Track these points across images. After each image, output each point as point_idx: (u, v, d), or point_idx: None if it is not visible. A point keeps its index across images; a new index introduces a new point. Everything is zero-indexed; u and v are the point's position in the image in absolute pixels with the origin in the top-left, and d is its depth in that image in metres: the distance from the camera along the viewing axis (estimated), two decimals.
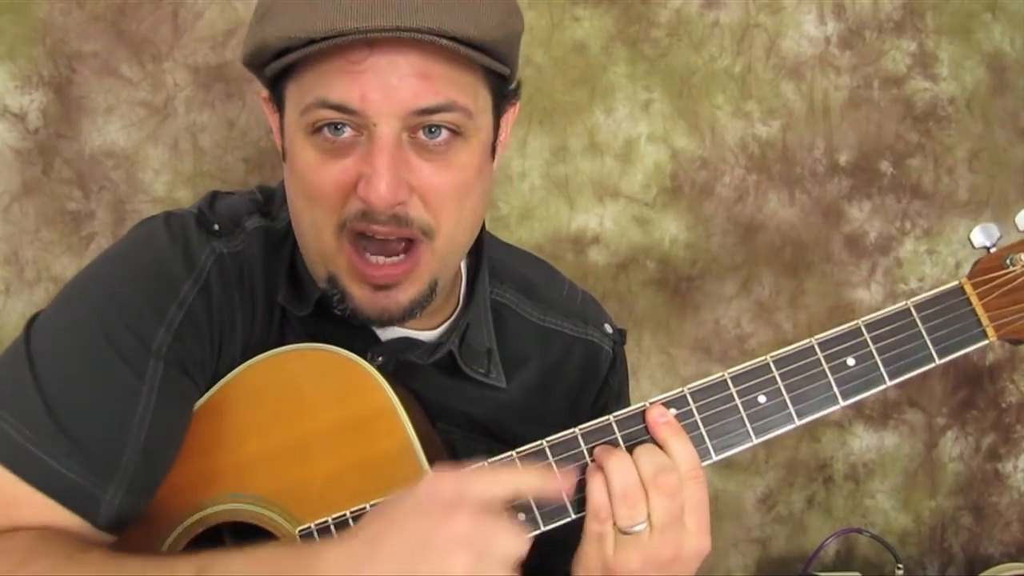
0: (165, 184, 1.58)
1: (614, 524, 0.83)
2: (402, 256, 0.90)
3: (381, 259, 0.89)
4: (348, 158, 0.86)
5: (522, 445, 0.91)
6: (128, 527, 0.88)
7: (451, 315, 1.04)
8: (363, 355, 0.93)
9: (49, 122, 1.55)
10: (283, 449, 0.91)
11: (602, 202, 1.71)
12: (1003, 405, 1.86)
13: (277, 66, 0.87)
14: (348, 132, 0.86)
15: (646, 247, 1.73)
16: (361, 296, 0.90)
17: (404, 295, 0.90)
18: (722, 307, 1.76)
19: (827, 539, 1.74)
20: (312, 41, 0.82)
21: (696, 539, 0.84)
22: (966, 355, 0.89)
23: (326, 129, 0.86)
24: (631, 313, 1.72)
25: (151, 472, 0.88)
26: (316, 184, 0.88)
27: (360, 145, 0.86)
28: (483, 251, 1.06)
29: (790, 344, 0.89)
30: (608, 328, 1.13)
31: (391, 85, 0.84)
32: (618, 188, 1.71)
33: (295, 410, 0.92)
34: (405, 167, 0.86)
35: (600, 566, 0.84)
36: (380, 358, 0.96)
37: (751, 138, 1.74)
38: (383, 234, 0.87)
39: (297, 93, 0.88)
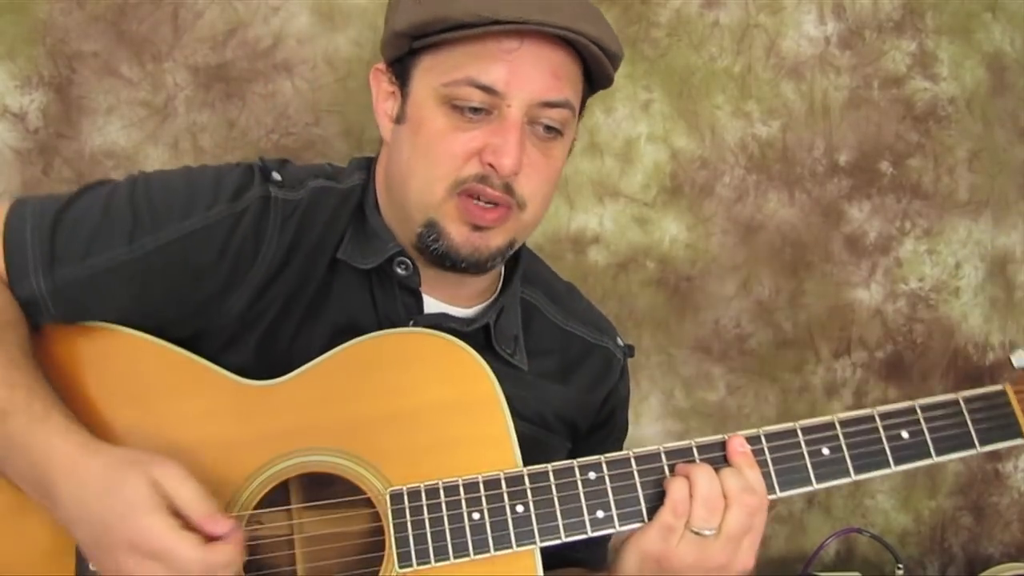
0: None
1: (687, 523, 0.95)
2: (500, 209, 1.03)
3: (485, 201, 1.03)
4: (477, 131, 1.01)
5: (540, 424, 1.12)
6: (33, 322, 1.01)
7: (485, 297, 1.15)
8: (405, 321, 1.07)
9: (49, 122, 1.55)
10: (388, 416, 1.00)
11: (602, 202, 1.71)
12: None
13: (438, 39, 1.00)
14: (482, 113, 1.01)
15: (646, 247, 1.73)
16: (459, 234, 1.03)
17: (494, 240, 1.04)
18: (722, 307, 1.76)
19: (827, 539, 1.74)
20: (496, 22, 0.96)
21: (746, 556, 0.96)
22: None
23: (468, 111, 1.00)
24: (631, 313, 1.72)
25: (75, 298, 1.01)
26: (441, 146, 1.01)
27: (488, 121, 1.01)
28: (521, 251, 1.18)
29: (789, 343, 0.97)
30: (619, 341, 1.25)
31: (532, 77, 1.00)
32: (618, 188, 1.71)
33: (403, 384, 1.00)
34: (523, 147, 1.01)
35: (658, 552, 0.95)
36: (418, 327, 1.07)
37: (751, 138, 1.74)
38: (494, 198, 1.01)
39: (441, 67, 1.01)
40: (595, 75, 1.07)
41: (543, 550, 0.97)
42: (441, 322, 1.08)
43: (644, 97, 1.71)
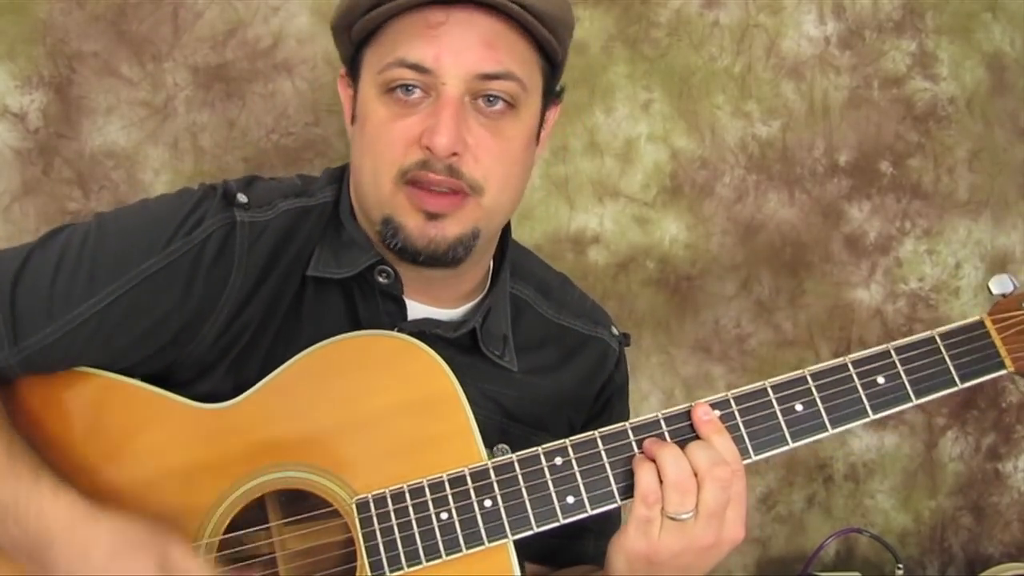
0: (165, 184, 1.58)
1: (662, 510, 0.90)
2: (451, 195, 0.99)
3: (434, 188, 0.98)
4: (415, 116, 0.97)
5: (530, 422, 1.07)
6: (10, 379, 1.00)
7: (471, 298, 1.11)
8: (390, 328, 1.04)
9: (49, 122, 1.55)
10: (348, 424, 0.98)
11: (602, 202, 1.71)
12: (1003, 405, 1.86)
13: (364, 24, 0.98)
14: (418, 93, 0.97)
15: (646, 247, 1.73)
16: (413, 226, 0.99)
17: (451, 229, 0.99)
18: (722, 307, 1.76)
19: (827, 539, 1.74)
20: None
21: (733, 528, 0.92)
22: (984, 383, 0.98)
23: (399, 90, 0.97)
24: (631, 313, 1.72)
25: (44, 361, 0.99)
26: (384, 137, 0.98)
27: (427, 105, 0.97)
28: (508, 247, 1.14)
29: (790, 344, 0.95)
30: (615, 331, 1.21)
31: (461, 49, 0.95)
32: (618, 188, 1.71)
33: (360, 389, 0.98)
34: (464, 125, 0.97)
35: (643, 548, 0.92)
36: (404, 333, 1.03)
37: (751, 138, 1.74)
38: (437, 183, 0.97)
39: (376, 55, 0.99)
40: (542, 44, 1.00)
41: (551, 548, 0.96)
42: (426, 327, 1.05)
43: (644, 97, 1.71)
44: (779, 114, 1.74)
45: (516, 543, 0.95)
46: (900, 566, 1.67)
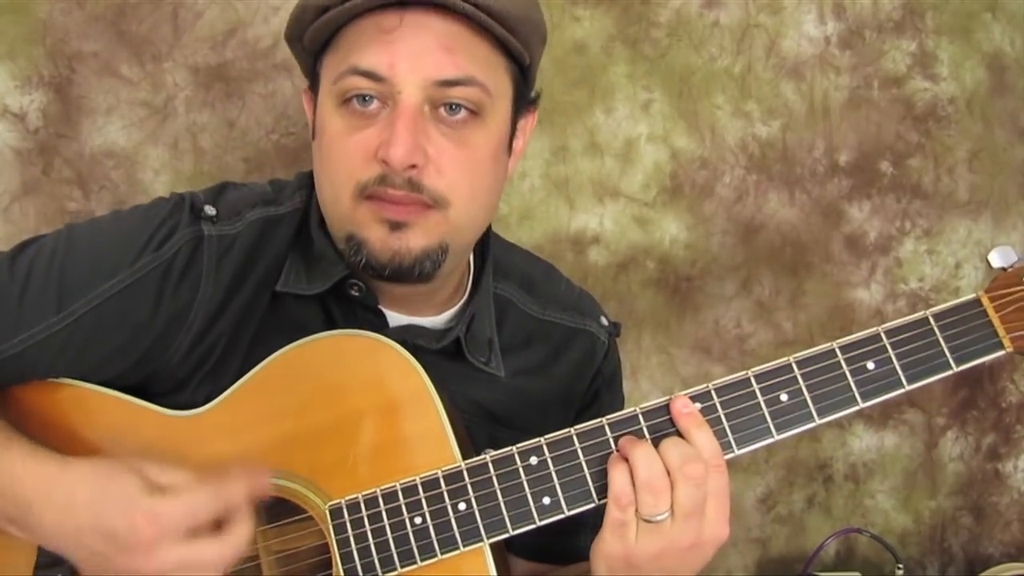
0: (165, 184, 1.58)
1: (636, 512, 0.87)
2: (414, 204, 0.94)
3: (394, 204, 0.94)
4: (372, 128, 0.93)
5: (520, 426, 1.00)
6: None
7: (455, 305, 1.09)
8: None
9: (49, 122, 1.55)
10: (318, 428, 0.95)
11: (602, 202, 1.71)
12: (1003, 405, 1.86)
13: (316, 32, 0.94)
14: (374, 103, 0.93)
15: (646, 247, 1.73)
16: (375, 239, 0.94)
17: (415, 240, 0.94)
18: (722, 307, 1.76)
19: (827, 539, 1.74)
20: None
21: (715, 527, 0.88)
22: (981, 364, 0.92)
23: (355, 100, 0.93)
24: (631, 313, 1.72)
25: (14, 371, 0.98)
26: (340, 151, 0.94)
27: (384, 115, 0.93)
28: (489, 248, 1.11)
29: (790, 344, 0.93)
30: (604, 321, 1.18)
31: (417, 55, 0.91)
32: (618, 188, 1.71)
33: (331, 391, 0.96)
34: (424, 135, 0.92)
35: (621, 553, 0.88)
36: None
37: (751, 138, 1.74)
38: (397, 199, 0.93)
39: (332, 64, 0.95)
40: (508, 46, 0.95)
41: (544, 544, 0.94)
42: (408, 336, 1.02)
43: (644, 97, 1.71)
44: (779, 114, 1.74)
45: (506, 540, 0.93)
46: (900, 566, 1.67)
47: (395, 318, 1.05)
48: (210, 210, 1.01)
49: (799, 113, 1.75)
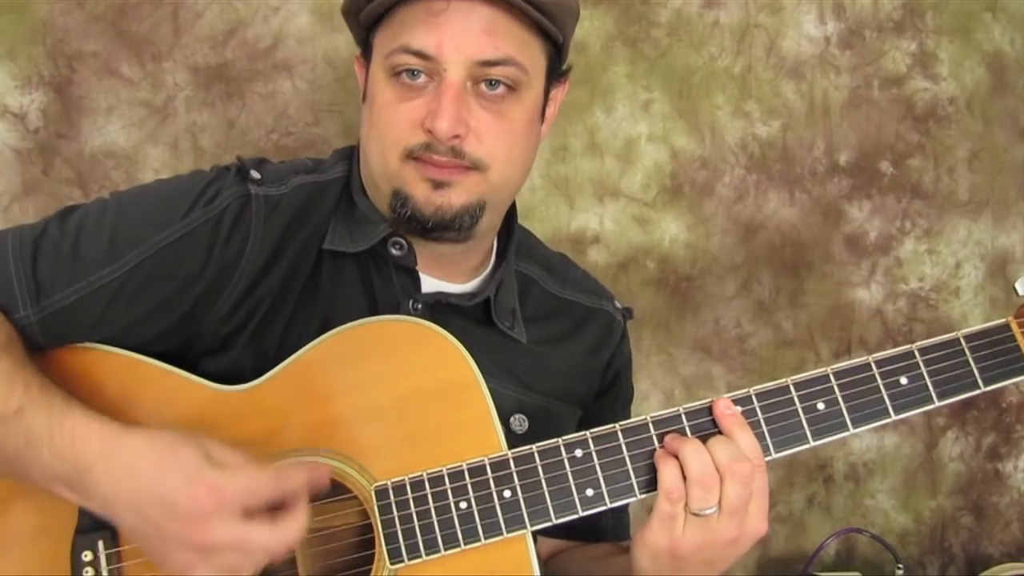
0: None
1: (685, 506, 0.91)
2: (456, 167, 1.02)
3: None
4: (420, 99, 1.01)
5: (547, 392, 1.10)
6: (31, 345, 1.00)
7: (482, 274, 1.15)
8: (403, 302, 1.07)
9: (49, 122, 1.55)
10: (368, 410, 0.98)
11: (602, 202, 1.71)
12: (1003, 405, 1.86)
13: (371, 10, 1.02)
14: (422, 78, 1.01)
15: (646, 247, 1.73)
16: (419, 194, 1.02)
17: (457, 197, 1.02)
18: (722, 307, 1.76)
19: (827, 539, 1.74)
20: None
21: (756, 523, 0.93)
22: (1008, 386, 0.97)
23: (404, 74, 1.01)
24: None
25: (65, 324, 1.00)
26: (391, 118, 1.02)
27: (431, 89, 1.01)
28: (514, 225, 1.18)
29: (790, 344, 0.95)
30: (618, 304, 1.25)
31: (462, 37, 0.99)
32: (618, 188, 1.71)
33: (379, 375, 0.98)
34: (466, 108, 1.00)
35: (667, 544, 0.92)
36: (420, 305, 1.07)
37: (751, 138, 1.74)
38: (440, 164, 1.01)
39: (384, 40, 1.03)
40: (544, 28, 1.04)
41: (576, 523, 0.96)
42: (441, 299, 1.08)
43: (644, 97, 1.71)
44: (779, 114, 1.74)
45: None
46: (900, 566, 1.67)
47: (428, 283, 1.10)
48: (255, 174, 1.06)
49: (799, 113, 1.75)
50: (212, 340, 1.04)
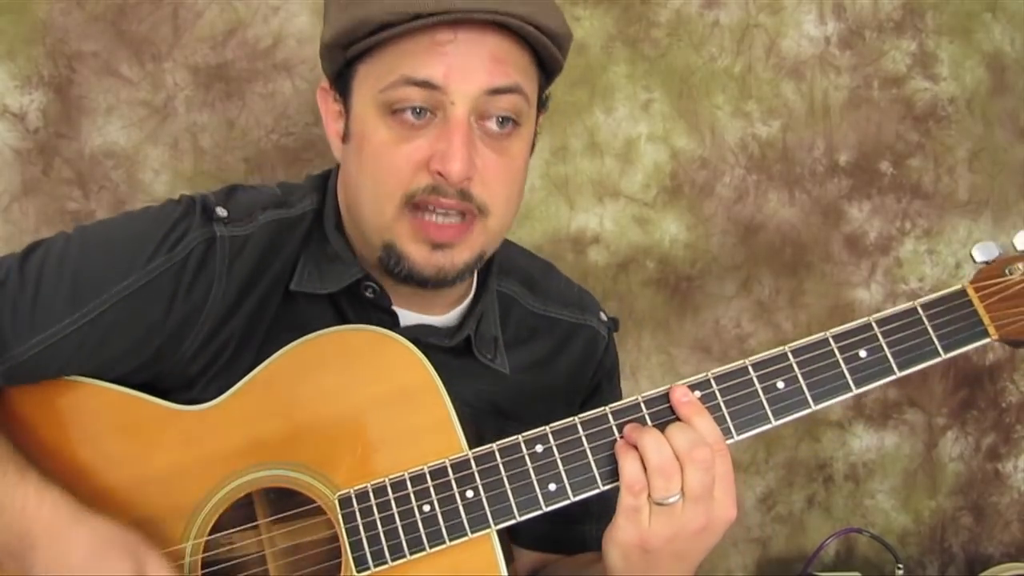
0: (165, 184, 1.58)
1: (648, 497, 0.90)
2: (460, 219, 0.98)
3: (441, 219, 0.97)
4: (421, 138, 0.95)
5: (525, 420, 1.04)
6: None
7: (462, 303, 1.11)
8: None
9: (49, 122, 1.55)
10: (325, 420, 0.97)
11: (602, 202, 1.71)
12: (1003, 405, 1.86)
13: (367, 44, 0.95)
14: (426, 115, 0.96)
15: (646, 247, 1.73)
16: (418, 255, 0.98)
17: (459, 256, 0.99)
18: (722, 307, 1.76)
19: (827, 539, 1.74)
20: (418, 16, 0.91)
21: (724, 508, 0.91)
22: (967, 352, 0.96)
23: (409, 112, 0.95)
24: (631, 313, 1.72)
25: (29, 374, 0.99)
26: (390, 161, 0.96)
27: (433, 126, 0.95)
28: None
29: (789, 343, 0.96)
30: (603, 316, 1.22)
31: (471, 66, 0.94)
32: (618, 188, 1.71)
33: (338, 384, 0.98)
34: (474, 148, 0.96)
35: (635, 538, 0.90)
36: None
37: (751, 138, 1.74)
38: (448, 207, 0.96)
39: (376, 72, 0.97)
40: (543, 58, 1.00)
41: (553, 534, 0.95)
42: (420, 335, 1.04)
43: (644, 97, 1.71)
44: (779, 114, 1.74)
45: (512, 530, 0.96)
46: (900, 566, 1.67)
47: (406, 316, 1.08)
48: (222, 212, 1.02)
49: (799, 113, 1.75)
50: (179, 380, 1.02)
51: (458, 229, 0.98)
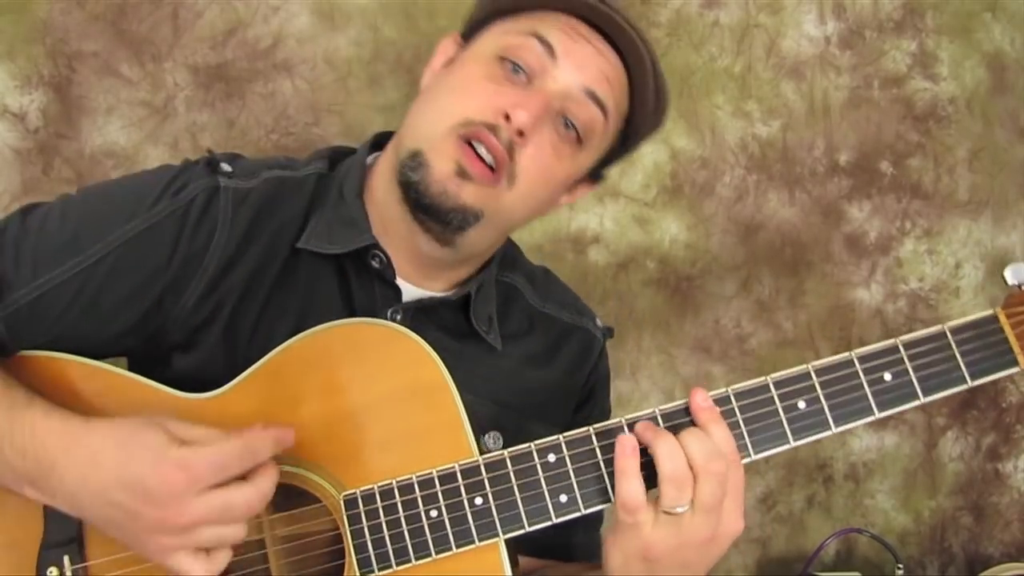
0: None
1: (656, 504, 0.87)
2: (492, 169, 1.00)
3: (483, 152, 0.99)
4: (508, 88, 1.00)
5: (523, 410, 1.04)
6: None
7: (463, 281, 1.12)
8: (384, 311, 1.04)
9: (49, 122, 1.55)
10: (336, 416, 0.95)
11: (602, 202, 1.71)
12: (1003, 405, 1.86)
13: (519, 2, 1.03)
14: (523, 76, 1.01)
15: (646, 247, 1.73)
16: (439, 170, 0.99)
17: (467, 195, 0.99)
18: (722, 307, 1.76)
19: (827, 539, 1.74)
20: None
21: (732, 521, 0.88)
22: (995, 380, 0.93)
23: (512, 65, 1.00)
24: (631, 313, 1.72)
25: (30, 320, 0.98)
26: (468, 87, 1.01)
27: (522, 87, 1.00)
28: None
29: (790, 344, 0.94)
30: (598, 323, 1.22)
31: (588, 62, 1.01)
32: (618, 188, 1.71)
33: (348, 380, 0.95)
34: (543, 124, 1.00)
35: (638, 545, 0.88)
36: (399, 316, 1.05)
37: (751, 138, 1.74)
38: (492, 147, 0.98)
39: (510, 26, 1.04)
40: (627, 132, 1.07)
41: (540, 539, 0.94)
42: (421, 303, 1.06)
43: None
44: (779, 114, 1.74)
45: (519, 538, 0.93)
46: (900, 566, 1.67)
47: (409, 291, 1.08)
48: (226, 167, 1.04)
49: (799, 113, 1.75)
50: (180, 335, 1.01)
51: (486, 172, 0.99)
